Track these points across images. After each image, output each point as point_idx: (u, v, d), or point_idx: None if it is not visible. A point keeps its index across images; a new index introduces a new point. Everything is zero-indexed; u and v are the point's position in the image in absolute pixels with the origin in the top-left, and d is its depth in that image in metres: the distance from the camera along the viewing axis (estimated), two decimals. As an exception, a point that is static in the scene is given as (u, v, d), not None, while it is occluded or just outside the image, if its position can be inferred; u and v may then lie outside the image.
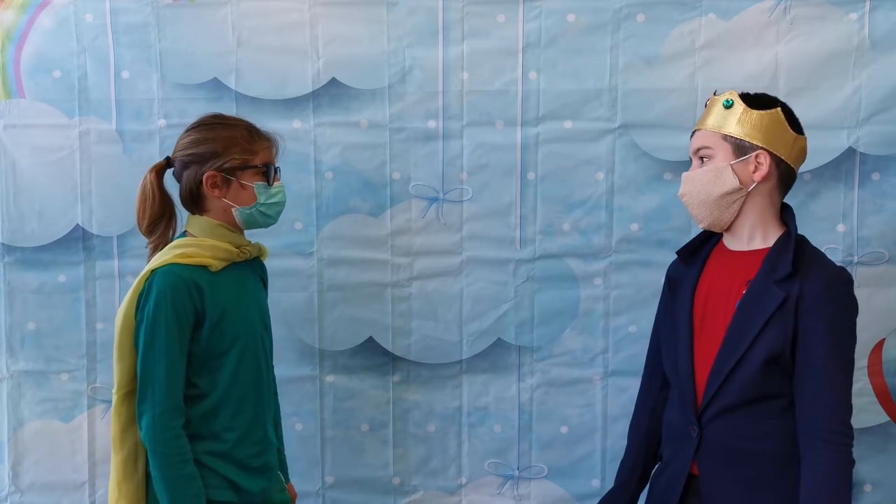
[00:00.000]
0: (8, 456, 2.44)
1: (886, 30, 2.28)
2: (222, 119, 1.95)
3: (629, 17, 2.31)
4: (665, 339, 1.92)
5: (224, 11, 2.33)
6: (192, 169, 1.88)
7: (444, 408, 2.44)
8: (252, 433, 1.91)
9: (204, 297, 1.81)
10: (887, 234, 2.33)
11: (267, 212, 1.93)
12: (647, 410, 2.00)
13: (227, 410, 1.87)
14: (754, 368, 1.70)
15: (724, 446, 1.75)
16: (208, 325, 1.82)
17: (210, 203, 1.89)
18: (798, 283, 1.68)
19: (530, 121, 2.35)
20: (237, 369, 1.87)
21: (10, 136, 2.36)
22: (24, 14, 2.33)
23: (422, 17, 2.33)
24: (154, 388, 1.77)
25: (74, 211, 2.38)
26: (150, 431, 1.78)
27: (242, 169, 1.88)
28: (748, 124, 1.75)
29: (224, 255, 1.88)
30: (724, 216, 1.79)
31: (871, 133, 2.30)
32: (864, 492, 2.41)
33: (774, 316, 1.69)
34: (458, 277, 2.41)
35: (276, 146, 1.97)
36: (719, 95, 1.81)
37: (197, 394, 1.84)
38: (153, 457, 1.78)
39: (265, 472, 1.95)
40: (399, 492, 2.47)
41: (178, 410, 1.80)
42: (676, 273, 1.94)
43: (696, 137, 1.83)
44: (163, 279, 1.78)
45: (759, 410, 1.73)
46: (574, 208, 2.37)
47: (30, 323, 2.41)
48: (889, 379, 2.38)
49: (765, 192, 1.77)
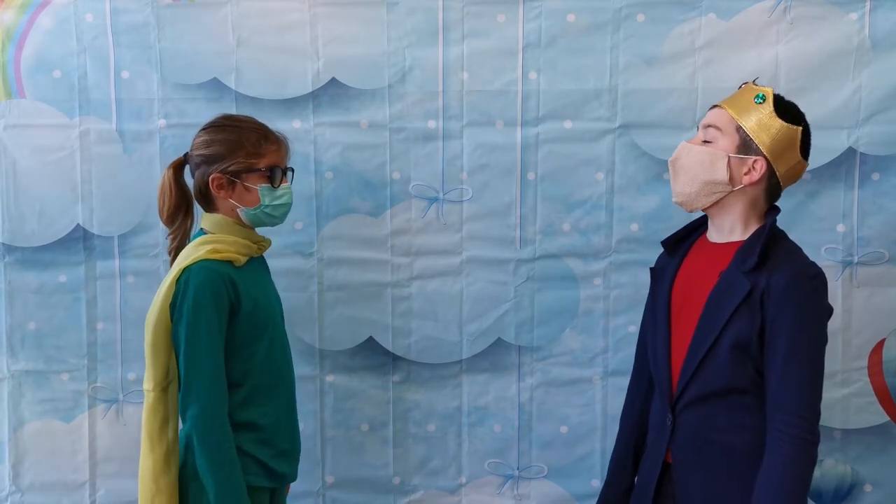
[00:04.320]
0: (8, 456, 2.44)
1: (886, 30, 2.28)
2: (233, 121, 2.00)
3: (629, 17, 2.31)
4: (646, 329, 1.96)
5: (224, 11, 2.33)
6: (202, 169, 1.95)
7: (444, 408, 2.45)
8: (285, 417, 2.00)
9: (238, 290, 1.87)
10: (887, 234, 2.33)
11: (272, 213, 1.98)
12: (636, 401, 2.03)
13: (263, 397, 1.93)
14: (723, 358, 1.71)
15: (696, 436, 1.77)
16: (243, 316, 1.88)
17: (218, 202, 1.96)
18: (766, 276, 1.69)
19: (530, 121, 2.35)
20: (268, 357, 1.95)
21: (10, 136, 2.36)
22: (24, 14, 2.33)
23: (422, 17, 2.33)
24: (200, 380, 1.83)
25: (75, 211, 2.38)
26: (199, 421, 1.83)
27: (247, 172, 1.93)
28: (765, 129, 1.74)
29: (245, 250, 1.95)
30: (699, 202, 1.80)
31: (871, 133, 2.30)
32: (864, 492, 2.41)
33: (741, 306, 1.70)
34: (458, 277, 2.41)
35: (285, 148, 2.01)
36: (758, 85, 1.79)
37: (234, 382, 1.89)
38: (202, 446, 1.82)
39: (296, 455, 2.04)
40: (399, 491, 2.47)
41: (224, 399, 1.86)
42: (659, 263, 1.97)
43: (714, 113, 1.81)
44: (199, 275, 1.84)
45: (730, 403, 1.74)
46: (574, 208, 2.37)
47: (30, 323, 2.41)
48: (889, 379, 2.38)
49: (749, 194, 1.78)
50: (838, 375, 2.36)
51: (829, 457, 2.40)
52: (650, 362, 1.92)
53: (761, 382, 1.71)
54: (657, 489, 1.84)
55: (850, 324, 2.36)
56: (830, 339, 1.77)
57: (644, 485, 1.88)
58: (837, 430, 2.39)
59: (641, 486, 1.90)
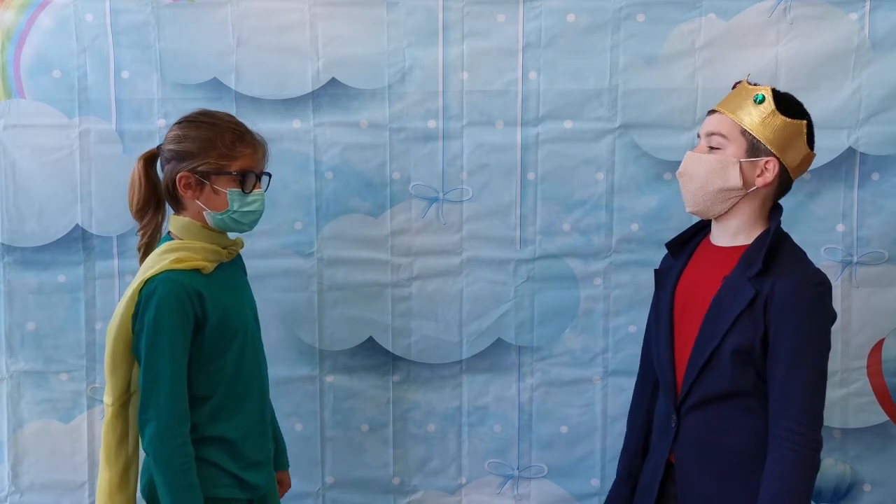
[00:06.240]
0: (8, 456, 2.44)
1: (886, 30, 2.28)
2: (209, 117, 1.88)
3: (629, 17, 2.31)
4: (651, 330, 1.96)
5: (224, 11, 2.33)
6: (171, 165, 1.84)
7: (444, 408, 2.44)
8: (256, 428, 1.92)
9: (204, 303, 1.79)
10: (887, 234, 2.33)
11: (240, 220, 1.87)
12: (644, 403, 2.03)
13: (232, 409, 1.86)
14: (725, 363, 1.71)
15: (699, 438, 1.78)
16: (209, 329, 1.81)
17: (185, 202, 1.86)
18: (770, 282, 1.68)
19: (530, 121, 2.35)
20: (238, 368, 1.87)
21: (10, 136, 2.36)
22: (24, 14, 2.33)
23: (422, 17, 2.33)
24: (159, 396, 1.74)
25: (74, 211, 2.38)
26: (155, 440, 1.75)
27: (217, 174, 1.82)
28: (771, 128, 1.72)
29: (214, 256, 1.86)
30: (715, 209, 1.79)
31: (871, 133, 2.31)
32: (864, 492, 2.41)
33: (744, 312, 1.69)
34: (458, 277, 2.41)
35: (262, 152, 1.90)
36: (752, 86, 1.77)
37: (201, 396, 1.82)
38: (158, 465, 1.75)
39: (268, 464, 1.97)
40: (399, 492, 2.47)
41: (184, 417, 1.78)
42: (663, 265, 1.96)
43: (715, 119, 1.78)
44: (163, 287, 1.75)
45: (733, 406, 1.74)
46: (574, 208, 2.37)
47: (29, 323, 2.40)
48: (889, 379, 2.38)
49: (762, 195, 1.77)
50: (838, 375, 2.36)
51: (829, 456, 2.40)
52: (655, 364, 1.92)
53: (764, 387, 1.71)
54: (660, 490, 1.84)
55: (849, 324, 2.36)
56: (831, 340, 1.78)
57: (647, 485, 1.88)
58: (837, 429, 2.39)
59: (645, 486, 1.90)
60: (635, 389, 2.07)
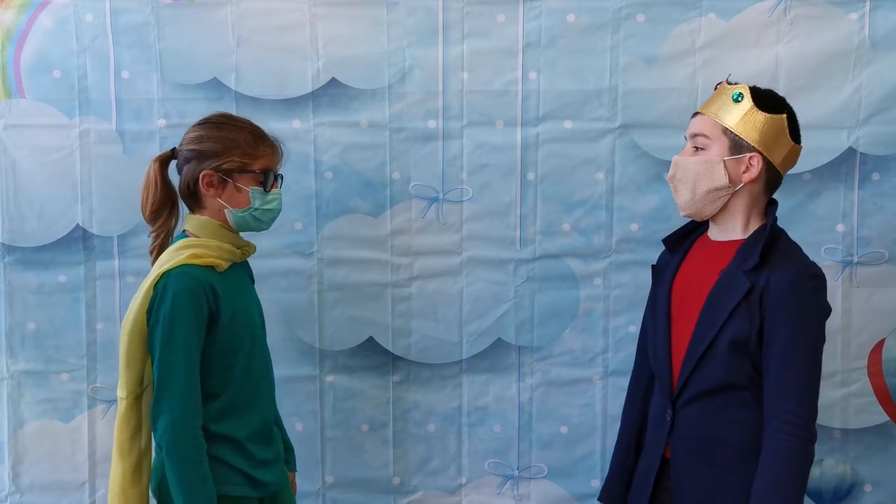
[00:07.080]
0: (8, 456, 2.44)
1: (886, 30, 2.28)
2: (230, 119, 1.94)
3: (629, 17, 2.31)
4: (647, 325, 1.97)
5: (224, 11, 2.33)
6: (192, 164, 1.87)
7: (444, 408, 2.45)
8: (264, 427, 1.94)
9: (218, 299, 1.81)
10: (887, 234, 2.33)
11: (261, 217, 1.92)
12: (638, 397, 2.04)
13: (240, 409, 1.88)
14: (721, 355, 1.73)
15: (694, 432, 1.79)
16: (221, 326, 1.82)
17: (205, 201, 1.89)
18: (766, 275, 1.70)
19: (530, 121, 2.35)
20: (247, 368, 1.89)
21: (10, 136, 2.36)
22: (24, 14, 2.33)
23: (422, 17, 2.33)
24: (173, 389, 1.76)
25: (74, 211, 2.38)
26: (168, 433, 1.76)
27: (240, 172, 1.87)
28: (751, 124, 1.75)
29: (228, 255, 1.88)
30: (707, 209, 1.82)
31: (871, 133, 2.30)
32: (864, 492, 2.41)
33: (740, 305, 1.71)
34: (458, 277, 2.41)
35: (280, 153, 1.96)
36: (731, 85, 1.80)
37: (211, 393, 1.83)
38: (171, 458, 1.76)
39: (278, 462, 1.98)
40: (399, 492, 2.47)
41: (197, 411, 1.79)
42: (661, 261, 1.98)
43: (697, 121, 1.83)
44: (179, 280, 1.77)
45: (729, 400, 1.75)
46: (574, 208, 2.37)
47: (30, 323, 2.41)
48: (889, 379, 2.38)
49: (751, 191, 1.79)
50: (838, 375, 2.36)
51: (829, 457, 2.40)
52: (650, 358, 1.93)
53: (760, 380, 1.73)
54: (655, 483, 1.85)
55: (849, 324, 2.36)
56: (830, 339, 1.78)
57: (643, 479, 1.89)
58: (837, 430, 2.39)
59: (640, 480, 1.91)
60: (630, 384, 2.08)
